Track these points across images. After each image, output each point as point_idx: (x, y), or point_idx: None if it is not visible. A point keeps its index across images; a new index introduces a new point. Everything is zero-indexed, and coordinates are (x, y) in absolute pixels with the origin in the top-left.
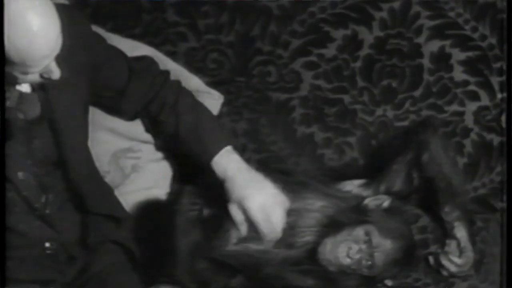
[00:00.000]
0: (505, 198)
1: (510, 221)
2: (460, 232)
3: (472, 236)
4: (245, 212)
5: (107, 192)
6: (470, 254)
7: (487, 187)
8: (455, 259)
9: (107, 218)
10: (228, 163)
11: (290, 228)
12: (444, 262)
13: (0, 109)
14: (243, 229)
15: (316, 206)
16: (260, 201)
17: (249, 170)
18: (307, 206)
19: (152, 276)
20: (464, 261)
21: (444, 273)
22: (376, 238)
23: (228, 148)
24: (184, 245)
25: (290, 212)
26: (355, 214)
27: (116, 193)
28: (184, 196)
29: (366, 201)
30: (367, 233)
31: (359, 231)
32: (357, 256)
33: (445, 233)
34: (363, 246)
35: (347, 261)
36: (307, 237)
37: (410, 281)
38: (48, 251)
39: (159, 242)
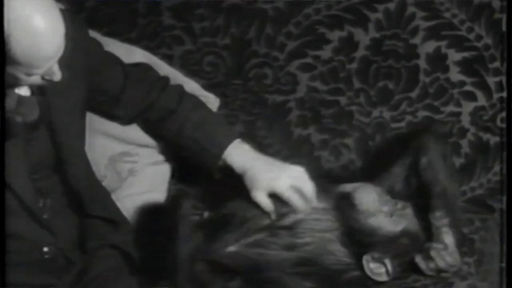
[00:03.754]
0: (504, 198)
1: (509, 221)
2: (448, 238)
3: (459, 244)
4: (274, 195)
5: (104, 196)
6: (458, 259)
7: (484, 187)
8: (445, 255)
9: (105, 222)
10: (242, 153)
11: (289, 230)
12: (434, 254)
13: (0, 111)
14: (273, 213)
15: (316, 208)
16: (288, 179)
17: (264, 156)
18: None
19: (151, 280)
20: (453, 260)
21: (431, 265)
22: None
23: (238, 140)
24: (186, 250)
25: (289, 214)
26: None
27: (113, 197)
28: (186, 200)
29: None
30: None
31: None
32: (386, 209)
33: (431, 237)
34: (396, 208)
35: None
36: (307, 239)
37: (410, 282)
38: (47, 256)
39: (159, 246)
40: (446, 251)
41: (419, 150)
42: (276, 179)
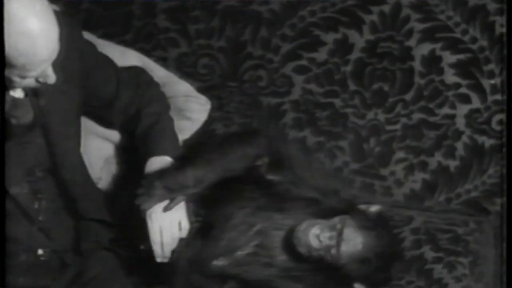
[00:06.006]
0: (504, 199)
1: (509, 222)
2: None
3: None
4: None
5: (99, 198)
6: None
7: (479, 190)
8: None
9: (100, 224)
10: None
11: (263, 247)
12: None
13: (0, 112)
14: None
15: (284, 224)
16: (161, 221)
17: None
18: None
19: (147, 283)
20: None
21: None
22: (348, 229)
23: (168, 158)
24: (182, 254)
25: (260, 232)
26: (342, 207)
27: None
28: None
29: (360, 205)
30: (340, 222)
31: (335, 219)
32: (327, 242)
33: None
34: (334, 233)
35: (316, 243)
36: (283, 256)
37: (403, 284)
38: (42, 258)
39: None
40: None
41: None
42: (153, 213)
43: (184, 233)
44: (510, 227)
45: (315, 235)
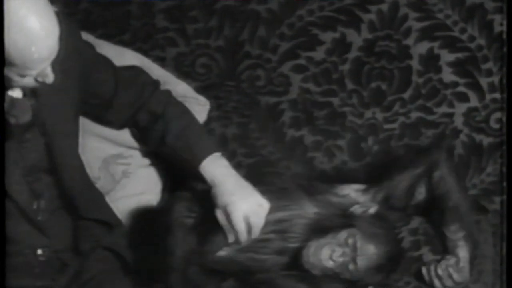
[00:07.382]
0: (504, 197)
1: (509, 221)
2: (462, 252)
3: (472, 259)
4: (228, 218)
5: (98, 198)
6: (466, 275)
7: (478, 188)
8: (454, 273)
9: (99, 224)
10: (216, 168)
11: (280, 234)
12: (441, 272)
13: (0, 111)
14: (230, 235)
15: (309, 213)
16: (244, 209)
17: (236, 177)
18: (299, 212)
19: (145, 282)
20: (461, 279)
21: (438, 285)
22: (360, 242)
23: (216, 154)
24: (179, 252)
25: (280, 219)
26: (341, 218)
27: (107, 199)
28: (181, 203)
29: (353, 208)
30: (350, 237)
31: (343, 235)
32: (340, 260)
33: (446, 250)
34: (347, 250)
35: (330, 264)
36: (297, 244)
37: (401, 285)
38: (41, 258)
39: (153, 248)
40: (455, 266)
41: (432, 164)
42: (233, 205)
43: None
44: (509, 225)
45: (328, 256)
